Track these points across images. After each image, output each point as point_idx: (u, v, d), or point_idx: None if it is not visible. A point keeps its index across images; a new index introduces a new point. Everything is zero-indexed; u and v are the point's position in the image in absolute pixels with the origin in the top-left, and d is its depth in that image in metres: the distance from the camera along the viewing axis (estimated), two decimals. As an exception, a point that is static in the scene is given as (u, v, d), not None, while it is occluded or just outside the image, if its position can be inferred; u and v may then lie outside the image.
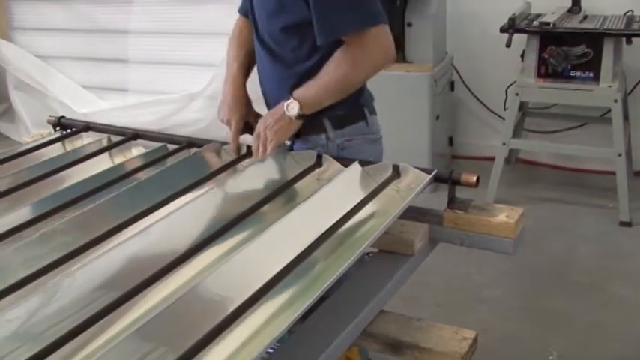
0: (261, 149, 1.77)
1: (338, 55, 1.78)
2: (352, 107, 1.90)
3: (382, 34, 1.81)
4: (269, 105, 1.94)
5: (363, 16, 1.77)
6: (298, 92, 1.78)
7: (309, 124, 1.83)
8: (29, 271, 1.26)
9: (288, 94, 1.77)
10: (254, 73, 2.03)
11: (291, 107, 1.76)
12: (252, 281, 1.19)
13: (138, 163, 1.82)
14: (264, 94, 1.99)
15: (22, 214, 1.54)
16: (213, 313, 1.11)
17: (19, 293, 1.22)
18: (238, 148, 1.89)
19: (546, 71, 3.69)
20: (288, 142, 1.89)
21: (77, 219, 1.47)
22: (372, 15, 1.79)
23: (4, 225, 1.48)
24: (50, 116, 2.21)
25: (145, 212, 1.49)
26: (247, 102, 1.97)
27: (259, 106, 2.00)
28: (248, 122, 1.92)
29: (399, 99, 3.96)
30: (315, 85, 1.78)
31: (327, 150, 1.83)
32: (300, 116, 1.76)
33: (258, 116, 1.93)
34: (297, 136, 1.86)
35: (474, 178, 1.55)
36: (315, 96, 1.78)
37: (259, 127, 1.80)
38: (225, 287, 1.20)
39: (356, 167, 1.63)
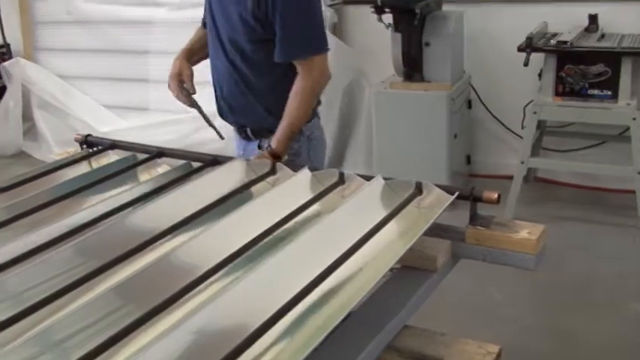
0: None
1: (293, 92, 2.14)
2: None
3: (325, 59, 2.17)
4: (224, 116, 2.37)
5: (315, 44, 2.14)
6: (276, 139, 2.13)
7: (276, 122, 2.16)
8: (54, 290, 1.27)
9: (267, 147, 2.15)
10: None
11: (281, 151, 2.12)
12: (273, 300, 1.19)
13: (163, 181, 1.85)
14: (219, 103, 2.37)
15: (50, 231, 1.56)
16: (237, 332, 1.12)
17: (43, 311, 1.23)
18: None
19: (564, 90, 3.71)
20: (256, 141, 2.30)
21: (103, 237, 1.49)
22: (321, 43, 2.15)
23: (34, 240, 1.50)
24: (77, 134, 2.25)
25: (169, 230, 1.51)
26: (180, 69, 2.37)
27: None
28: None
29: (417, 118, 3.99)
30: (283, 127, 2.14)
31: (300, 142, 2.23)
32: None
33: (188, 85, 2.36)
34: (268, 132, 2.21)
35: (495, 195, 1.56)
36: (286, 137, 2.14)
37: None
38: (245, 306, 1.21)
39: (379, 181, 1.65)
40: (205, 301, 1.20)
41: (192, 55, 2.43)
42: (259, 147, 2.29)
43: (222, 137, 2.38)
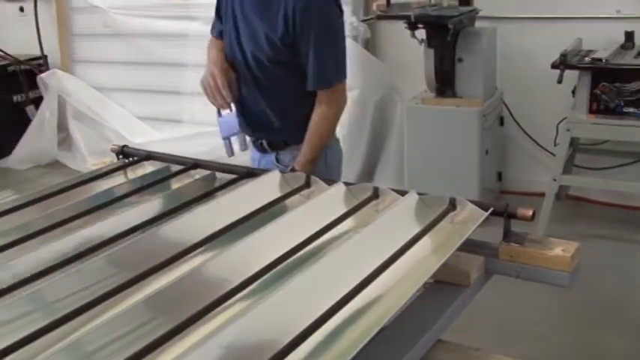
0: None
1: (317, 114, 2.21)
2: None
3: (345, 86, 2.26)
4: (245, 130, 2.38)
5: (340, 72, 2.22)
6: (300, 162, 2.21)
7: (296, 138, 2.25)
8: (86, 300, 1.27)
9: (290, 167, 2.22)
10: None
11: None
12: (306, 314, 1.19)
13: (198, 192, 1.86)
14: (241, 118, 2.37)
15: (84, 241, 1.57)
16: (268, 347, 1.12)
17: (75, 322, 1.23)
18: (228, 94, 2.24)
19: (598, 107, 3.68)
20: (272, 154, 2.34)
21: (136, 248, 1.49)
22: (344, 71, 2.23)
23: (67, 250, 1.53)
24: (114, 145, 2.28)
25: (202, 242, 1.52)
26: (227, 69, 2.29)
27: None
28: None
29: (449, 133, 3.99)
30: (306, 150, 2.22)
31: None
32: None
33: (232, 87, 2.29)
34: (285, 145, 2.29)
35: (530, 213, 1.56)
36: (309, 161, 2.22)
37: None
38: (277, 321, 1.21)
39: (413, 196, 1.65)
40: (236, 315, 1.20)
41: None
42: (277, 160, 2.34)
43: (231, 154, 2.39)
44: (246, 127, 2.38)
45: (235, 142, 2.41)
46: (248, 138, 2.43)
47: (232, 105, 2.32)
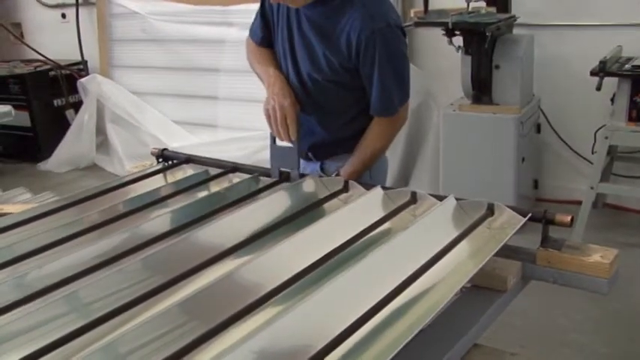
0: None
1: (374, 131, 2.16)
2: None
3: (407, 106, 2.18)
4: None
5: (403, 96, 2.13)
6: (347, 172, 2.12)
7: (345, 147, 2.20)
8: (122, 302, 1.29)
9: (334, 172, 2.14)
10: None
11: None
12: (344, 316, 1.20)
13: (236, 196, 1.88)
14: None
15: (122, 243, 1.60)
16: (302, 351, 1.12)
17: (110, 324, 1.25)
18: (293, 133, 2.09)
19: (638, 115, 3.64)
20: (317, 163, 2.29)
21: (173, 251, 1.51)
22: (407, 94, 2.14)
23: (105, 252, 1.55)
24: (154, 148, 2.32)
25: (238, 246, 1.54)
26: (295, 99, 2.14)
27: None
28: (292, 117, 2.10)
29: (486, 140, 3.98)
30: (356, 161, 2.16)
31: None
32: None
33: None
34: (332, 154, 2.24)
35: (569, 218, 1.56)
36: (356, 172, 2.14)
37: None
38: (312, 324, 1.21)
39: (451, 201, 1.66)
40: (271, 319, 1.20)
41: None
42: (322, 169, 2.28)
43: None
44: None
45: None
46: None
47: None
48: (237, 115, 5.32)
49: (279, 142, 2.16)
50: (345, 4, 2.01)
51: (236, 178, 2.09)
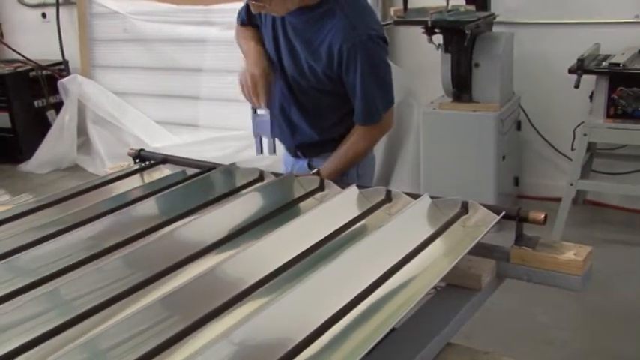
0: None
1: (359, 132, 2.16)
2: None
3: (392, 112, 2.21)
4: (279, 138, 2.34)
5: (386, 102, 2.15)
6: (327, 171, 2.10)
7: (332, 144, 2.20)
8: (103, 299, 1.30)
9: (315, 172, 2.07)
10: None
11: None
12: (317, 314, 1.21)
13: (213, 195, 1.88)
14: (273, 124, 2.32)
15: (101, 242, 1.60)
16: (279, 345, 1.13)
17: (91, 320, 1.26)
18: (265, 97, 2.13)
19: (616, 112, 3.66)
20: (305, 160, 2.29)
21: (152, 249, 1.51)
22: (390, 100, 2.16)
23: (85, 250, 1.55)
24: (130, 149, 2.31)
25: (216, 244, 1.54)
26: (269, 68, 2.18)
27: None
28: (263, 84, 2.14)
29: (466, 138, 3.99)
30: (338, 160, 2.17)
31: None
32: None
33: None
34: (320, 152, 2.23)
35: (542, 216, 1.56)
36: (337, 171, 2.15)
37: None
38: (288, 321, 1.22)
39: (426, 200, 1.66)
40: (249, 314, 1.22)
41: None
42: (309, 166, 2.30)
43: (259, 152, 2.37)
44: (279, 133, 2.34)
45: (265, 142, 2.39)
46: (279, 142, 2.39)
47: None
48: (219, 115, 5.31)
49: (258, 111, 2.23)
50: (328, 14, 2.03)
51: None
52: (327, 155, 2.25)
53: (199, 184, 2.00)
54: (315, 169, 2.13)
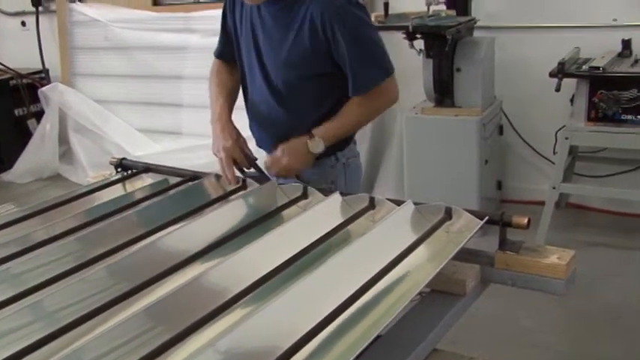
0: (282, 173, 2.07)
1: (357, 100, 2.08)
2: None
3: (393, 82, 2.13)
4: (262, 145, 2.26)
5: (382, 70, 2.09)
6: (320, 131, 2.06)
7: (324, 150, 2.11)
8: (87, 310, 1.29)
9: (307, 133, 2.06)
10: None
11: (317, 145, 2.06)
12: (303, 322, 1.20)
13: (197, 204, 1.87)
14: (259, 134, 2.27)
15: (85, 252, 1.59)
16: (265, 353, 1.13)
17: (75, 332, 1.25)
18: (234, 177, 2.03)
19: (597, 115, 3.69)
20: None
21: (136, 259, 1.51)
22: (387, 68, 2.10)
23: (68, 261, 1.54)
24: (112, 157, 2.29)
25: (201, 253, 1.54)
26: (237, 134, 2.15)
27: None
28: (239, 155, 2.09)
29: (448, 143, 4.00)
30: (335, 125, 2.09)
31: (336, 169, 2.17)
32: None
33: (247, 150, 2.13)
34: None
35: (525, 220, 1.57)
36: (335, 135, 2.09)
37: (278, 153, 2.08)
38: (274, 329, 1.22)
39: (409, 206, 1.66)
40: (235, 323, 1.22)
41: (231, 105, 2.28)
42: (297, 177, 2.16)
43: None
44: (263, 142, 2.28)
45: None
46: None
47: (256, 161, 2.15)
48: (202, 122, 5.26)
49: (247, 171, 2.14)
50: None
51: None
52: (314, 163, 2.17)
53: (183, 193, 1.99)
54: (310, 135, 2.06)
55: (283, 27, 2.07)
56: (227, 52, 2.31)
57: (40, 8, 6.07)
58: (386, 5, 4.11)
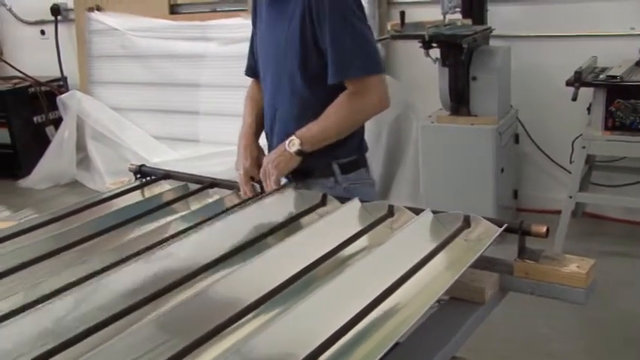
0: (266, 182, 2.00)
1: (339, 99, 2.00)
2: (358, 155, 2.15)
3: (380, 82, 2.03)
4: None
5: (368, 63, 1.99)
6: (300, 131, 2.00)
7: (320, 169, 2.08)
8: (101, 319, 1.30)
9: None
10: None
11: (292, 144, 1.99)
12: (322, 329, 1.21)
13: (214, 211, 1.89)
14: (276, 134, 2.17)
15: (102, 259, 1.60)
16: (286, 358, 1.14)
17: (88, 341, 1.24)
18: (251, 191, 2.06)
19: (614, 124, 3.67)
20: (292, 183, 2.07)
21: (152, 267, 1.52)
22: (374, 64, 2.01)
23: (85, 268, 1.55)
24: (131, 164, 2.31)
25: (217, 260, 1.54)
26: (258, 153, 2.17)
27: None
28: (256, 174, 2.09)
29: (464, 152, 4.00)
30: (316, 126, 2.00)
31: (334, 192, 1.98)
32: (299, 152, 1.99)
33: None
34: (306, 177, 2.08)
35: (544, 229, 1.57)
36: (314, 136, 2.00)
37: (264, 162, 2.04)
38: (292, 337, 1.22)
39: (428, 215, 1.67)
40: (254, 331, 1.22)
41: (260, 126, 2.27)
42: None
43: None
44: (270, 131, 2.23)
45: None
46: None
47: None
48: (219, 130, 5.31)
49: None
50: None
51: (215, 194, 2.10)
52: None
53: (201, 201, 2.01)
54: (291, 139, 2.01)
55: (280, 15, 2.06)
56: (248, 65, 2.34)
57: (59, 17, 6.15)
58: (402, 14, 4.12)
